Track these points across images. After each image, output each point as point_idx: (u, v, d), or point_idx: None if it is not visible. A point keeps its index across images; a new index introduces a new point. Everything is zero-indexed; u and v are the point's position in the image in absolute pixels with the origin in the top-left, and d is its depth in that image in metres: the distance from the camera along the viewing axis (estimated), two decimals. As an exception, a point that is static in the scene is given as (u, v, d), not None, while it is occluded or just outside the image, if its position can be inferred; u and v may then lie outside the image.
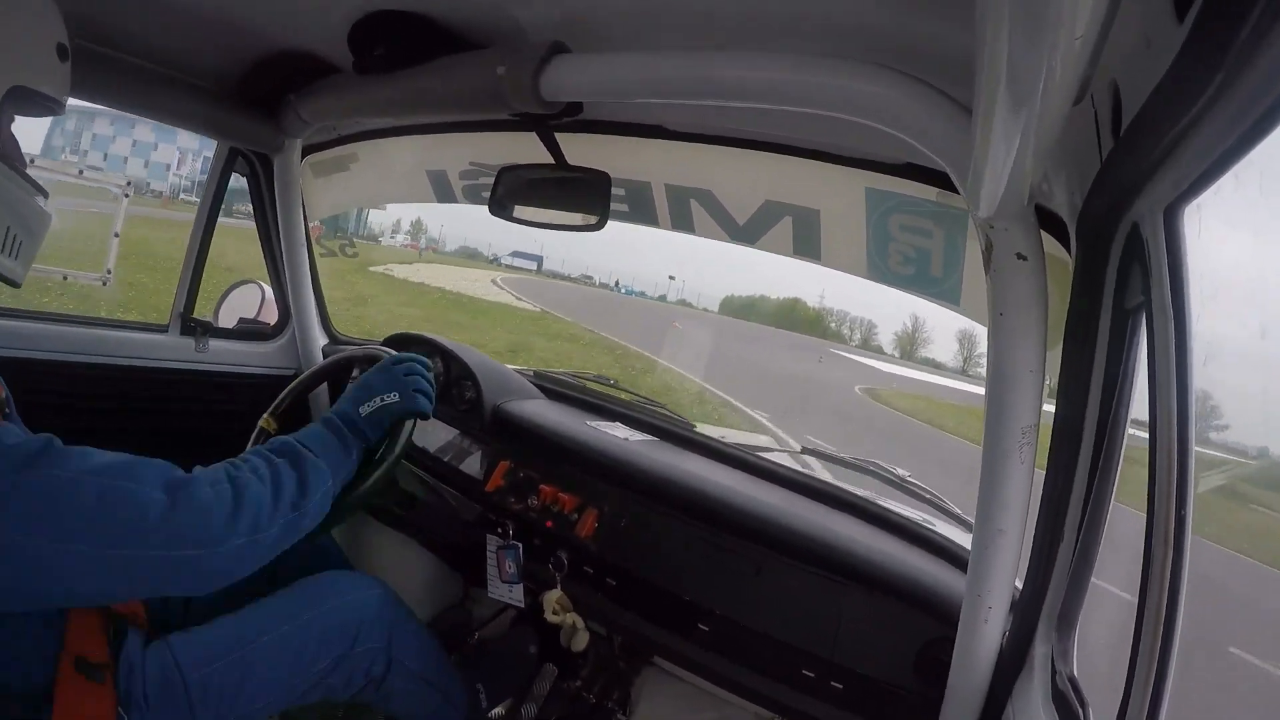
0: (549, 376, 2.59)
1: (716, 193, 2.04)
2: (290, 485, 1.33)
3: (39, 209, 1.34)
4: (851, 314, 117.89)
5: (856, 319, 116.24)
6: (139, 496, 1.12)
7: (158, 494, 1.13)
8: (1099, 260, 1.05)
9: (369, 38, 1.64)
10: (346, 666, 1.63)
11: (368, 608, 1.70)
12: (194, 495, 1.17)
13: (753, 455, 2.14)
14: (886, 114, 1.07)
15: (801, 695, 1.61)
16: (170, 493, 1.15)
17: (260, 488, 1.27)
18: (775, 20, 1.23)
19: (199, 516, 1.16)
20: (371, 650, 1.67)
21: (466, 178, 2.45)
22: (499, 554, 2.02)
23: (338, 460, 1.47)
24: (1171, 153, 0.74)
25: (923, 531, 1.79)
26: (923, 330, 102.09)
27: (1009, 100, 0.67)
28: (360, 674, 1.66)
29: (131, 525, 1.10)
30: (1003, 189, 0.87)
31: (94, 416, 2.11)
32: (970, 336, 60.95)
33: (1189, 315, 0.84)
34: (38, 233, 1.34)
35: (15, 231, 1.28)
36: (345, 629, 1.64)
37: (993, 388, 1.13)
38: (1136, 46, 0.72)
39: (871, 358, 52.56)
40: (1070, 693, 1.10)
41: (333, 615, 1.64)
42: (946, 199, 1.62)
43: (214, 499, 1.19)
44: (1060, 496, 1.16)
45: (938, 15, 1.06)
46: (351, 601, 1.69)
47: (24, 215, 1.29)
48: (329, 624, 1.62)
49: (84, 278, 3.15)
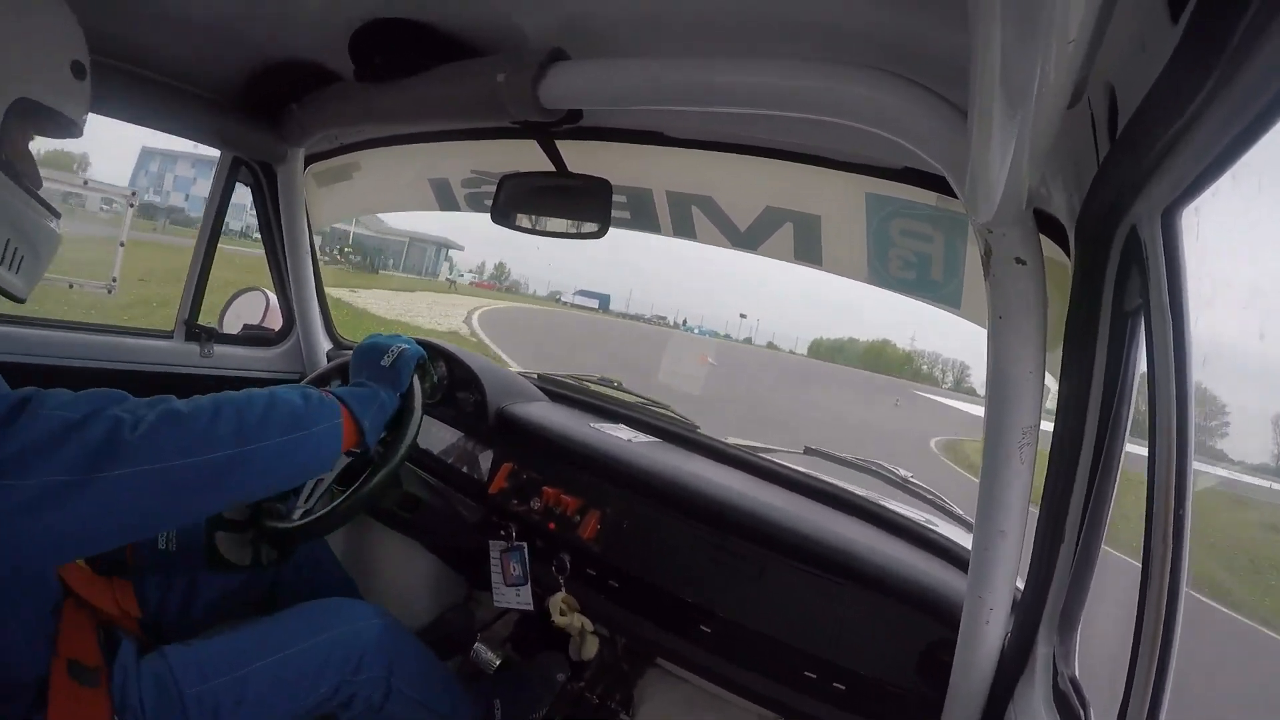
0: (552, 379, 2.59)
1: (717, 199, 2.04)
2: (283, 410, 1.28)
3: (46, 228, 1.32)
4: (945, 355, 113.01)
5: (950, 360, 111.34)
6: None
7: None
8: (1098, 263, 1.05)
9: (370, 46, 1.64)
10: (345, 693, 1.62)
11: (370, 637, 1.68)
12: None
13: (755, 456, 2.15)
14: (885, 119, 1.07)
15: (803, 696, 1.61)
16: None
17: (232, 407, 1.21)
18: (773, 26, 1.24)
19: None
20: (372, 679, 1.66)
21: (469, 186, 2.46)
22: (503, 557, 2.02)
23: (361, 396, 1.48)
24: (1168, 155, 0.74)
25: (925, 532, 1.79)
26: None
27: (1004, 103, 0.67)
28: (360, 701, 1.65)
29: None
30: (1000, 193, 0.87)
31: None
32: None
33: (1187, 317, 0.84)
34: (42, 251, 1.32)
35: (16, 245, 1.26)
36: (347, 658, 1.62)
37: (993, 390, 1.13)
38: (1131, 48, 0.73)
39: (964, 400, 47.79)
40: (1071, 693, 1.10)
41: (335, 644, 1.62)
42: (946, 203, 1.63)
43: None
44: (1061, 497, 1.16)
45: (936, 19, 1.07)
46: (354, 630, 1.67)
47: (27, 231, 1.28)
48: (330, 652, 1.61)
49: (90, 286, 3.16)
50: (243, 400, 1.21)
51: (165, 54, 1.87)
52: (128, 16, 1.66)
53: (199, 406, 1.15)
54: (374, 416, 1.49)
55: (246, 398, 1.22)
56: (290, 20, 1.66)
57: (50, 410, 1.02)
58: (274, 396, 1.26)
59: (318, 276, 2.68)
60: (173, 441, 1.09)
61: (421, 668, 1.80)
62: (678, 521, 1.83)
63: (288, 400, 1.28)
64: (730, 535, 1.76)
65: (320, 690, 1.58)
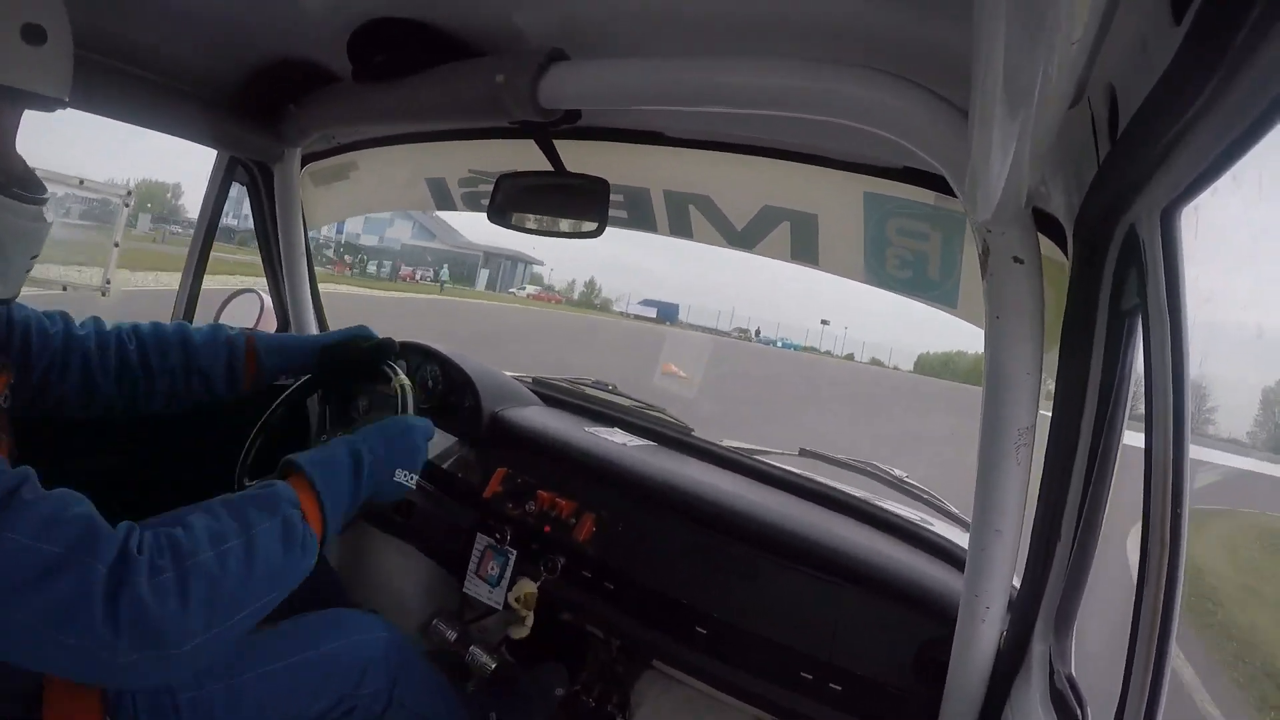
0: (547, 383, 2.59)
1: (715, 198, 2.04)
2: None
3: (17, 225, 1.21)
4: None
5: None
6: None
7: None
8: (1096, 263, 1.06)
9: (368, 46, 1.64)
10: (346, 705, 1.61)
11: (374, 650, 1.67)
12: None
13: (750, 459, 2.15)
14: (884, 118, 1.08)
15: (800, 697, 1.61)
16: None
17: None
18: (773, 26, 1.24)
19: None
20: (374, 693, 1.64)
21: (465, 185, 2.45)
22: (486, 552, 2.04)
23: (334, 494, 1.31)
24: (1168, 155, 0.75)
25: (920, 532, 1.80)
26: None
27: (1006, 103, 0.68)
28: (360, 712, 1.64)
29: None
30: (1000, 192, 0.87)
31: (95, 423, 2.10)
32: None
33: (1185, 317, 0.85)
34: (12, 247, 1.22)
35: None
36: (350, 671, 1.61)
37: (990, 390, 1.14)
38: (1133, 49, 0.73)
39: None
40: (1068, 692, 1.11)
41: (338, 656, 1.61)
42: (944, 202, 1.63)
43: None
44: (1057, 496, 1.17)
45: (935, 20, 1.07)
46: (358, 643, 1.65)
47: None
48: (333, 664, 1.59)
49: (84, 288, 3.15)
50: (216, 570, 1.06)
51: (162, 53, 1.86)
52: (124, 14, 1.64)
53: (165, 590, 1.01)
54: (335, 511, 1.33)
55: (220, 564, 1.07)
56: (288, 20, 1.65)
57: (23, 539, 0.95)
58: (252, 551, 1.11)
59: (313, 277, 2.66)
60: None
61: (424, 681, 1.79)
62: (673, 524, 1.83)
63: (266, 555, 1.13)
64: (725, 537, 1.76)
65: (320, 704, 1.56)
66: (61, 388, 1.55)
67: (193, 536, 1.07)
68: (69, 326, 1.57)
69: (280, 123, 2.13)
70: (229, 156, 2.35)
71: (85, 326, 1.61)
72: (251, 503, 1.17)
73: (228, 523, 1.12)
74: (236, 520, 1.13)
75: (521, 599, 1.92)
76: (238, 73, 1.98)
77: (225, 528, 1.11)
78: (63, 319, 1.57)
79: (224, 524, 1.11)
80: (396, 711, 1.69)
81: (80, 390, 1.58)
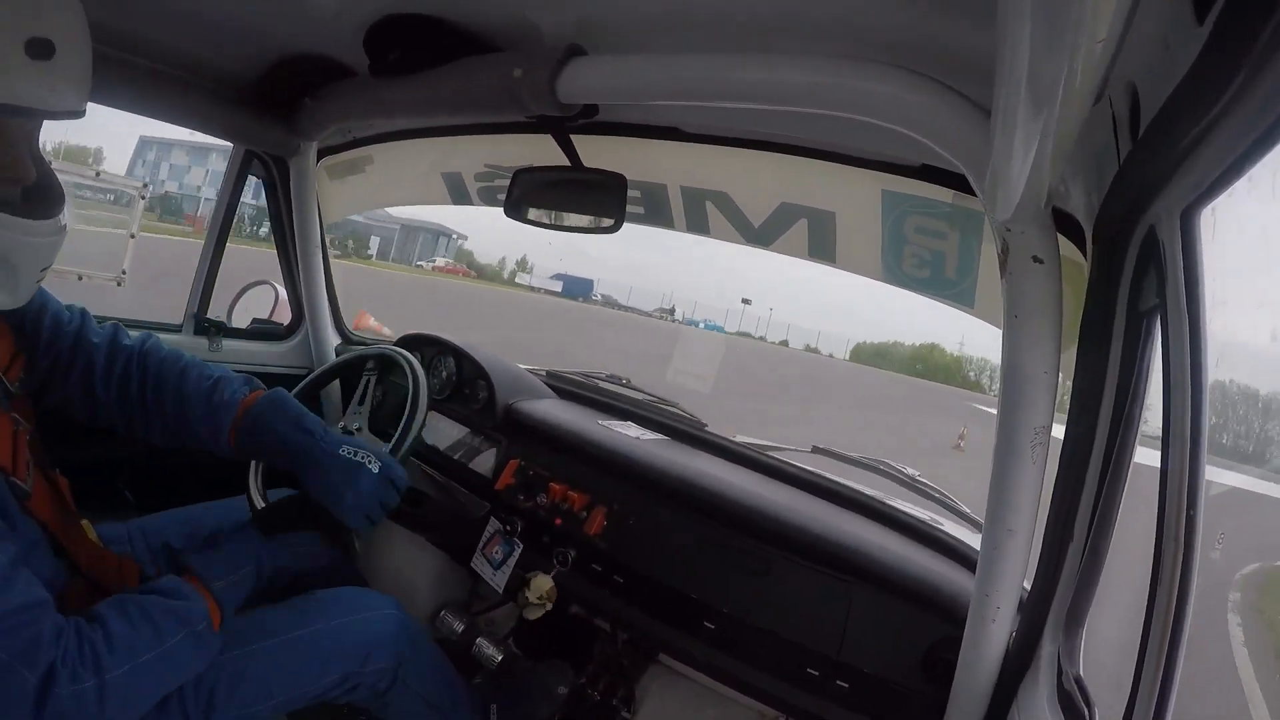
0: (562, 376, 2.60)
1: (732, 194, 2.04)
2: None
3: (23, 242, 1.22)
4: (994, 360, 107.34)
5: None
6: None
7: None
8: (1115, 263, 1.06)
9: (385, 41, 1.64)
10: (351, 682, 1.63)
11: (383, 627, 1.69)
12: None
13: (763, 454, 2.15)
14: (904, 116, 1.08)
15: (807, 694, 1.61)
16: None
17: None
18: (792, 22, 1.23)
19: None
20: (380, 670, 1.66)
21: (482, 180, 2.46)
22: (495, 536, 2.06)
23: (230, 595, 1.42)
24: (1190, 155, 0.75)
25: (931, 531, 1.80)
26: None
27: (1029, 102, 0.68)
28: (365, 689, 1.66)
29: None
30: (1020, 191, 0.87)
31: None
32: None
33: (1204, 318, 0.84)
34: (21, 265, 1.24)
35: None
36: (358, 647, 1.63)
37: (1006, 389, 1.14)
38: (1155, 48, 0.73)
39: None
40: (1076, 693, 1.11)
41: (345, 633, 1.63)
42: (962, 201, 1.63)
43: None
44: (1071, 496, 1.17)
45: (956, 17, 1.07)
46: (365, 620, 1.67)
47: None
48: (341, 639, 1.61)
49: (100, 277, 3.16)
50: (130, 682, 1.20)
51: (180, 48, 1.87)
52: (142, 10, 1.66)
53: (85, 699, 1.15)
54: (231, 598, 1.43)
55: (133, 678, 1.21)
56: (305, 15, 1.66)
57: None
58: (164, 662, 1.26)
59: (328, 270, 2.68)
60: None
61: (431, 663, 1.81)
62: (684, 518, 1.84)
63: (176, 663, 1.29)
64: (736, 532, 1.76)
65: (326, 679, 1.58)
66: (65, 389, 1.53)
67: (113, 650, 1.19)
68: (84, 327, 1.54)
69: (296, 117, 2.14)
70: (245, 150, 2.36)
71: (101, 333, 1.56)
72: (167, 615, 1.28)
73: (144, 636, 1.24)
74: (153, 633, 1.25)
75: (544, 595, 1.93)
76: (254, 67, 2.00)
77: (141, 641, 1.23)
78: (80, 317, 1.55)
79: (141, 637, 1.23)
80: (400, 691, 1.71)
81: (82, 397, 1.55)
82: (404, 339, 2.52)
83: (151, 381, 1.57)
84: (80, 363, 1.53)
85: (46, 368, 1.50)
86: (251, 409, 1.55)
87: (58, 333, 1.51)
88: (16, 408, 1.32)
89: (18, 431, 1.28)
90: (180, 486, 1.61)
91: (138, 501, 2.14)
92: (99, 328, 1.57)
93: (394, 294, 26.00)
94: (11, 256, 1.22)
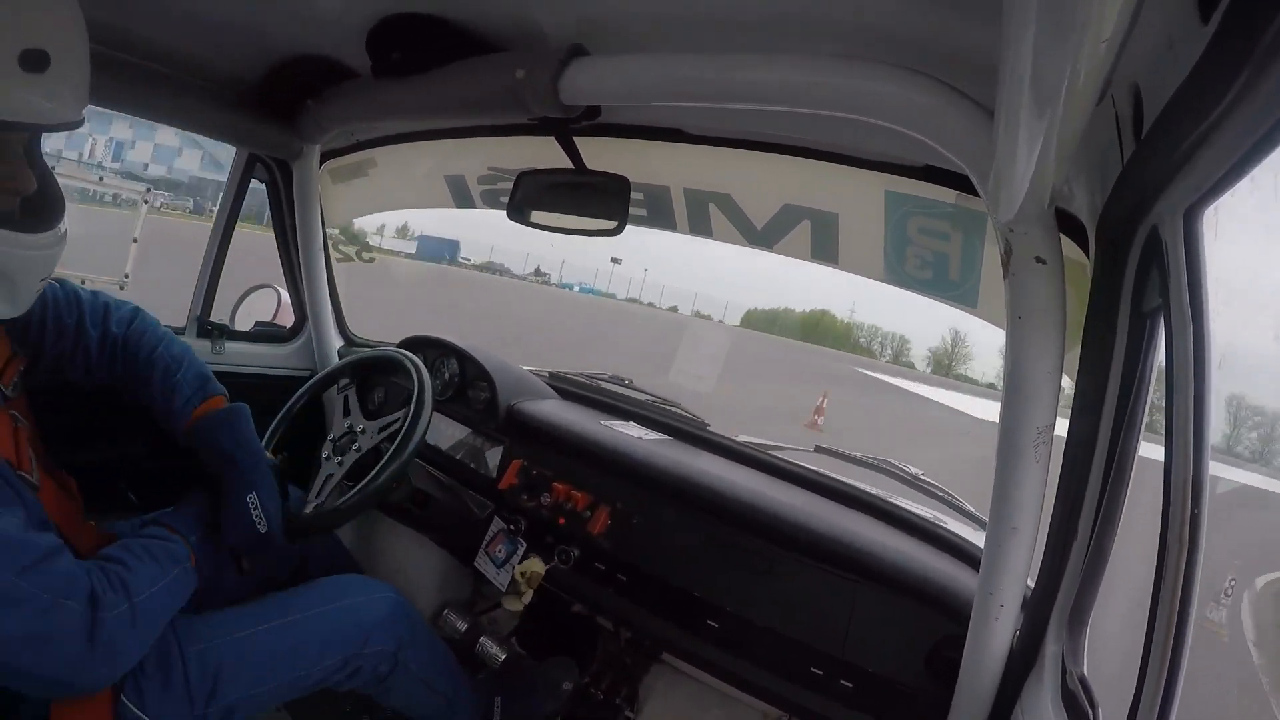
0: (564, 377, 2.60)
1: (735, 196, 2.04)
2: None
3: (21, 255, 1.23)
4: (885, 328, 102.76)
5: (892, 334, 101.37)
6: None
7: None
8: (1118, 263, 1.06)
9: (387, 42, 1.65)
10: (353, 666, 1.65)
11: (381, 611, 1.71)
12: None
13: (766, 454, 2.15)
14: (908, 116, 1.08)
15: (810, 693, 1.62)
16: None
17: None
18: (795, 22, 1.24)
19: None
20: (380, 652, 1.68)
21: (485, 183, 2.46)
22: (498, 535, 2.07)
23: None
24: (1193, 155, 0.75)
25: (935, 529, 1.80)
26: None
27: (1033, 102, 0.68)
28: (366, 672, 1.68)
29: None
30: (1023, 192, 0.87)
31: (111, 417, 2.13)
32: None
33: (1207, 318, 0.85)
34: (19, 277, 1.26)
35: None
36: (357, 630, 1.65)
37: (1010, 389, 1.14)
38: (1158, 47, 0.73)
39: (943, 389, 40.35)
40: (1080, 692, 1.11)
41: (344, 615, 1.65)
42: (965, 201, 1.63)
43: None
44: (1075, 495, 1.17)
45: (961, 17, 1.07)
46: (364, 603, 1.70)
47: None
48: (340, 623, 1.64)
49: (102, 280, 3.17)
50: (153, 603, 1.34)
51: (182, 50, 1.87)
52: (143, 12, 1.66)
53: (122, 620, 1.27)
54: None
55: (154, 599, 1.34)
56: (307, 16, 1.66)
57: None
58: (172, 588, 1.40)
59: (330, 274, 2.69)
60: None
61: (430, 648, 1.83)
62: (687, 517, 1.84)
63: (180, 589, 1.43)
64: (739, 531, 1.77)
65: (327, 662, 1.61)
66: (69, 373, 1.62)
67: (135, 576, 1.32)
68: (81, 319, 1.59)
69: (299, 119, 2.14)
70: (248, 153, 2.37)
71: (96, 322, 1.62)
72: (165, 552, 1.42)
73: (153, 568, 1.37)
74: (158, 566, 1.38)
75: (527, 575, 1.95)
76: (257, 69, 2.00)
77: (153, 571, 1.36)
78: (78, 307, 1.59)
79: (150, 568, 1.36)
80: (402, 674, 1.73)
81: (83, 375, 1.64)
82: (406, 341, 2.52)
83: (125, 370, 1.67)
84: (79, 355, 1.61)
85: (51, 360, 1.57)
86: (201, 421, 1.64)
87: (60, 331, 1.57)
88: (14, 407, 1.34)
89: (18, 428, 1.30)
90: (182, 487, 1.61)
91: (140, 501, 2.14)
92: (92, 318, 1.64)
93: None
94: (10, 270, 1.24)
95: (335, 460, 1.96)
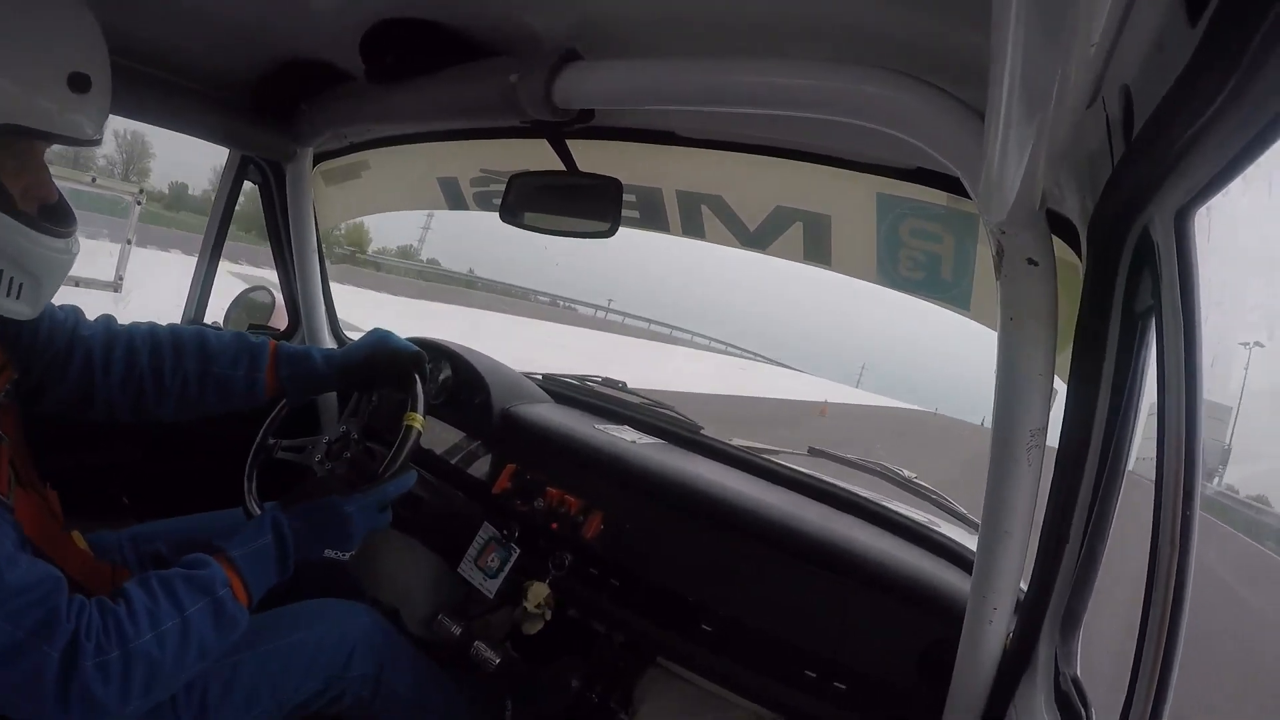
0: (558, 380, 2.60)
1: (728, 198, 2.04)
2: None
3: (47, 255, 1.26)
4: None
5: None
6: None
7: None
8: (1109, 264, 1.06)
9: (381, 46, 1.64)
10: (336, 689, 1.64)
11: (357, 633, 1.70)
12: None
13: (758, 457, 2.15)
14: (900, 120, 1.08)
15: (804, 695, 1.62)
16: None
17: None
18: (788, 26, 1.24)
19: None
20: (362, 676, 1.67)
21: (478, 185, 2.46)
22: (490, 544, 2.05)
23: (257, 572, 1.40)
24: (1184, 156, 0.75)
25: (927, 532, 1.80)
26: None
27: (1023, 105, 0.68)
28: (350, 697, 1.67)
29: None
30: (1014, 194, 0.87)
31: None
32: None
33: (1199, 319, 0.85)
34: (44, 277, 1.28)
35: (13, 275, 1.23)
36: (337, 653, 1.64)
37: (1002, 391, 1.14)
38: (1149, 50, 0.73)
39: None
40: (1073, 694, 1.11)
41: (324, 639, 1.64)
42: (957, 203, 1.63)
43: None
44: (1067, 498, 1.17)
45: (950, 20, 1.07)
46: (342, 627, 1.69)
47: (23, 262, 1.23)
48: (319, 647, 1.63)
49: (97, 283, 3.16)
50: (155, 652, 1.19)
51: (175, 53, 1.87)
52: (137, 13, 1.65)
53: (110, 671, 1.15)
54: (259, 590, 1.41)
55: (158, 646, 1.20)
56: (301, 19, 1.66)
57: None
58: (187, 633, 1.24)
59: (324, 275, 2.68)
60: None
61: (413, 666, 1.81)
62: (680, 521, 1.84)
63: (200, 635, 1.26)
64: (732, 535, 1.77)
65: (310, 687, 1.60)
66: (59, 390, 1.54)
67: (135, 619, 1.19)
68: (77, 325, 1.56)
69: (293, 122, 2.14)
70: (241, 155, 2.36)
71: (93, 326, 1.58)
72: (187, 583, 1.27)
73: (165, 605, 1.23)
74: (172, 602, 1.23)
75: (542, 603, 1.93)
76: (250, 72, 2.00)
77: (162, 610, 1.22)
78: (74, 315, 1.57)
79: (161, 606, 1.22)
80: (386, 697, 1.72)
81: (79, 392, 1.56)
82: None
83: (166, 349, 1.62)
84: (77, 359, 1.54)
85: (39, 373, 1.51)
86: (284, 346, 1.69)
87: (51, 336, 1.52)
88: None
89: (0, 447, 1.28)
90: (177, 494, 1.61)
91: (134, 508, 2.13)
92: (90, 322, 1.60)
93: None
94: (38, 271, 1.27)
95: (326, 465, 1.94)
